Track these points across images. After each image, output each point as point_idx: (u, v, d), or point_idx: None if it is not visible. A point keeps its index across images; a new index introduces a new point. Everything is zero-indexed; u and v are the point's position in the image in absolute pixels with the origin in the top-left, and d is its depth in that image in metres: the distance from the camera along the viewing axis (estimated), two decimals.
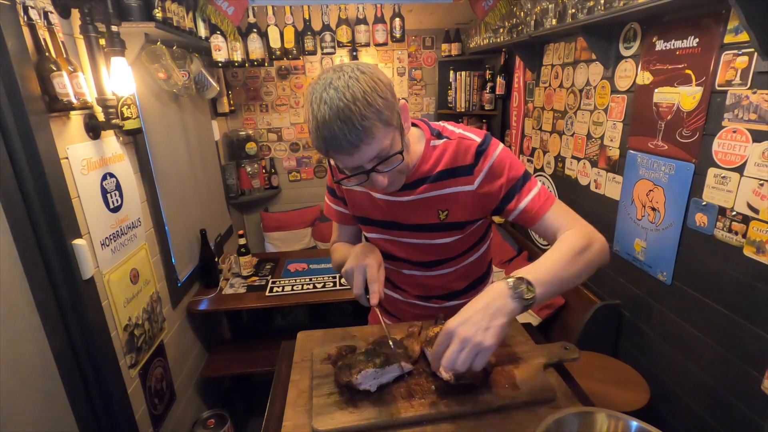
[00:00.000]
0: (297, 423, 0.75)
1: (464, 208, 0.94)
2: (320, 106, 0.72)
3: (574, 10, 1.72)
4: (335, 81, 0.73)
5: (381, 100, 0.73)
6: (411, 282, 1.09)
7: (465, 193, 0.92)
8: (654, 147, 1.57)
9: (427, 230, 0.98)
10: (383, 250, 1.07)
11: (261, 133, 3.38)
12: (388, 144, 0.77)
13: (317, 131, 0.73)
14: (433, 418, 0.74)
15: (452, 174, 0.92)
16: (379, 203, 0.99)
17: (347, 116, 0.71)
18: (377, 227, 1.03)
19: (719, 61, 1.28)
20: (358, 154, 0.75)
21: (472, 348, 0.66)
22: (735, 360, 1.29)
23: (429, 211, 0.95)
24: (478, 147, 0.90)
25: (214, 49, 2.29)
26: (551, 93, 2.30)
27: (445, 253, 1.02)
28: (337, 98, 0.71)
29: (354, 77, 0.73)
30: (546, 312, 2.11)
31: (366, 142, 0.73)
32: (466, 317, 0.69)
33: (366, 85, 0.72)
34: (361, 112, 0.71)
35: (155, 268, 1.79)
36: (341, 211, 1.10)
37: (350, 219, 1.10)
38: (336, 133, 0.71)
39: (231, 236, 3.01)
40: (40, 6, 1.18)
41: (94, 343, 1.34)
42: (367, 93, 0.72)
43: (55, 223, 1.21)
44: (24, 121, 1.12)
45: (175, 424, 1.87)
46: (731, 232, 1.27)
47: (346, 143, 0.72)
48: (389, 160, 0.79)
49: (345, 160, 0.77)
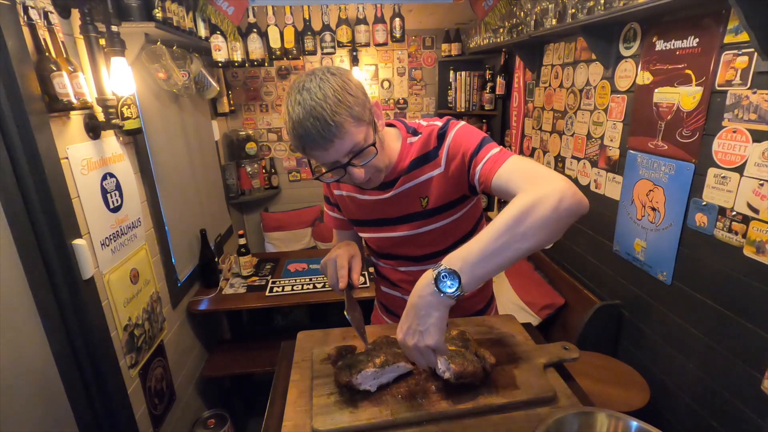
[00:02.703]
0: (297, 423, 0.75)
1: (441, 192, 0.96)
2: (294, 108, 0.78)
3: (574, 10, 1.72)
4: (307, 83, 0.79)
5: (351, 97, 0.79)
6: (408, 279, 1.10)
7: (437, 177, 0.95)
8: (654, 147, 1.57)
9: (414, 219, 1.00)
10: (379, 249, 1.13)
11: (261, 133, 3.38)
12: (362, 138, 0.82)
13: (293, 131, 0.79)
14: (433, 418, 0.74)
15: (422, 161, 0.96)
16: (365, 204, 1.04)
17: (319, 113, 0.76)
18: (368, 226, 1.08)
19: (719, 61, 1.28)
20: (333, 149, 0.80)
21: (423, 350, 0.70)
22: (735, 360, 1.29)
23: (412, 201, 0.99)
24: (439, 130, 0.94)
25: (214, 49, 2.29)
26: (551, 93, 2.30)
27: (436, 243, 1.03)
28: (309, 98, 0.77)
29: (324, 78, 0.79)
30: (546, 312, 2.11)
31: (339, 137, 0.78)
32: (404, 328, 0.72)
33: (336, 84, 0.78)
34: (332, 108, 0.76)
35: (155, 268, 1.79)
36: (337, 217, 1.16)
37: (346, 224, 1.15)
38: (310, 129, 0.77)
39: (231, 236, 3.01)
40: (40, 6, 1.18)
41: (94, 343, 1.34)
42: (337, 91, 0.78)
43: (55, 223, 1.21)
44: (24, 121, 1.12)
45: (175, 424, 1.87)
46: (731, 232, 1.27)
47: (320, 138, 0.78)
48: (363, 153, 0.83)
49: (321, 156, 0.82)
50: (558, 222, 0.71)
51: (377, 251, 1.15)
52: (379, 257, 1.16)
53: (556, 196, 0.70)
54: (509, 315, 1.08)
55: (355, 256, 1.01)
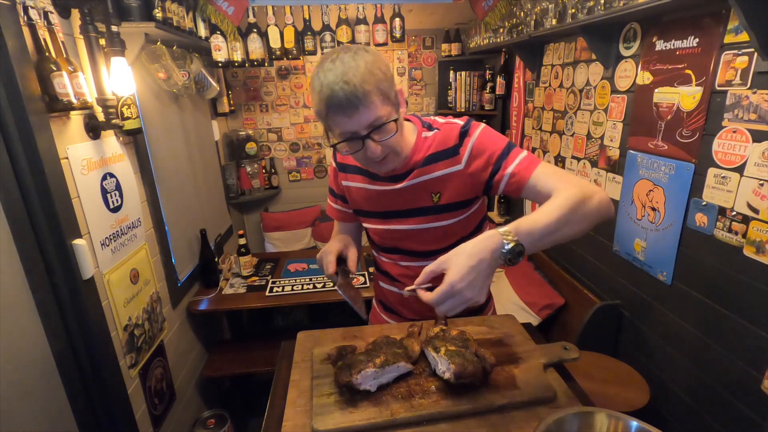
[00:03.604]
0: (297, 423, 0.75)
1: (456, 189, 0.98)
2: (326, 73, 0.81)
3: (574, 10, 1.72)
4: (341, 54, 0.82)
5: (381, 73, 0.83)
6: (409, 273, 1.09)
7: (455, 173, 0.97)
8: (654, 147, 1.57)
9: (423, 214, 1.01)
10: (382, 242, 1.13)
11: (261, 133, 3.38)
12: (385, 114, 0.84)
13: (320, 93, 0.82)
14: (433, 418, 0.74)
15: (439, 157, 0.97)
16: (375, 194, 1.04)
17: (349, 79, 0.79)
18: (375, 218, 1.08)
19: (719, 61, 1.28)
20: (356, 117, 0.82)
21: (468, 303, 0.72)
22: (735, 360, 1.29)
23: (422, 195, 0.99)
24: (461, 129, 0.97)
25: (214, 49, 2.29)
26: (551, 93, 2.30)
27: (441, 240, 1.03)
28: (341, 66, 0.80)
29: (358, 52, 0.83)
30: (546, 312, 2.11)
31: (364, 105, 0.81)
32: (469, 279, 0.70)
33: (369, 59, 0.82)
34: (362, 77, 0.80)
35: (155, 268, 1.79)
36: (341, 209, 1.18)
37: (350, 216, 1.17)
38: (338, 93, 0.79)
39: (231, 236, 3.01)
40: (40, 6, 1.18)
41: (94, 343, 1.34)
42: (369, 64, 0.82)
43: (55, 223, 1.21)
44: (24, 121, 1.12)
45: (175, 424, 1.87)
46: (731, 232, 1.27)
47: (346, 103, 0.80)
48: (384, 128, 0.85)
49: (343, 123, 0.83)
50: (597, 218, 0.82)
51: (380, 244, 1.14)
52: (381, 251, 1.15)
53: (600, 196, 0.83)
54: (509, 315, 1.08)
55: (349, 246, 1.07)
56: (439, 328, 0.89)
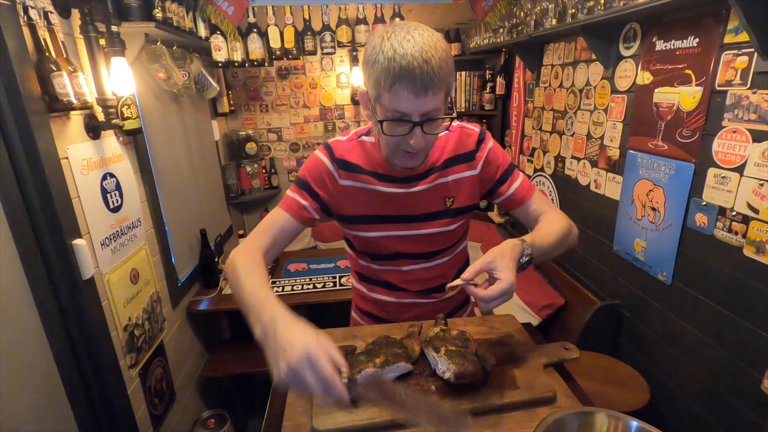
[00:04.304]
0: (297, 423, 0.75)
1: (468, 193, 1.01)
2: (402, 43, 0.74)
3: (574, 10, 1.72)
4: (419, 29, 0.77)
5: (450, 67, 0.79)
6: (411, 278, 1.07)
7: (469, 178, 1.00)
8: (654, 147, 1.57)
9: (435, 218, 1.00)
10: (383, 250, 1.03)
11: (261, 133, 3.38)
12: (443, 107, 0.81)
13: (391, 61, 0.74)
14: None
15: (457, 161, 0.99)
16: (386, 197, 0.98)
17: (430, 57, 0.74)
18: (386, 223, 1.00)
19: (719, 61, 1.28)
20: (423, 99, 0.76)
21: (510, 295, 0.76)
22: (735, 360, 1.29)
23: (437, 199, 0.99)
24: (479, 135, 1.00)
25: (214, 49, 2.29)
26: (551, 93, 2.30)
27: (446, 240, 1.04)
28: (421, 40, 0.75)
29: (434, 34, 0.78)
30: (546, 312, 2.11)
31: (434, 90, 0.76)
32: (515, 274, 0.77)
33: (445, 47, 0.78)
34: (440, 62, 0.75)
35: (155, 268, 1.79)
36: (305, 206, 0.96)
37: (309, 220, 0.97)
38: (414, 67, 0.73)
39: (231, 236, 3.01)
40: (40, 6, 1.17)
41: (94, 343, 1.34)
42: (446, 52, 0.77)
43: (55, 223, 1.21)
44: (24, 121, 1.12)
45: (175, 424, 1.87)
46: (731, 232, 1.27)
47: (420, 81, 0.74)
48: (437, 122, 0.82)
49: (404, 99, 0.76)
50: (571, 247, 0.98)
51: (379, 252, 1.04)
52: (379, 259, 1.06)
53: (575, 230, 0.99)
54: (509, 315, 1.08)
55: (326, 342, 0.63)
56: (439, 328, 0.89)
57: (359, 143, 0.99)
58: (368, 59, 0.79)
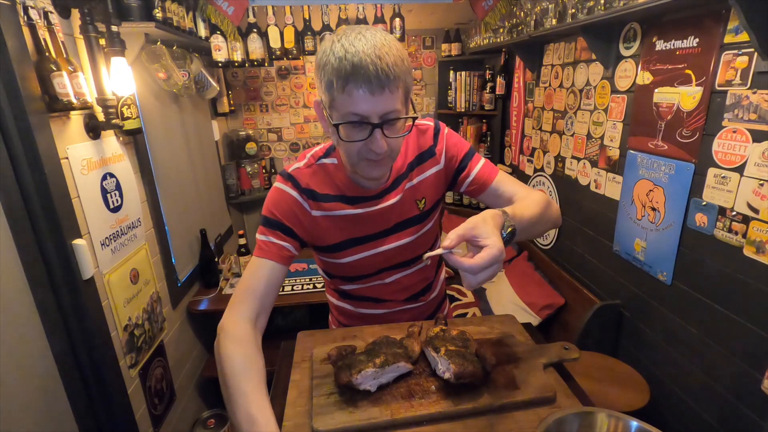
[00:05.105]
0: (297, 423, 0.75)
1: (435, 189, 0.99)
2: (354, 42, 0.70)
3: (574, 10, 1.72)
4: (364, 31, 0.73)
5: (407, 66, 0.75)
6: (396, 288, 1.06)
7: (435, 174, 0.97)
8: (654, 147, 1.57)
9: (411, 224, 0.99)
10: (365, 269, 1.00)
11: (261, 133, 3.38)
12: (402, 109, 0.76)
13: (342, 60, 0.69)
14: (433, 418, 0.74)
15: (420, 160, 0.96)
16: (365, 217, 0.93)
17: (383, 54, 0.70)
18: (364, 243, 0.96)
19: (719, 61, 1.28)
20: (379, 98, 0.71)
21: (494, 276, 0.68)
22: (735, 360, 1.29)
23: (410, 206, 0.97)
24: (434, 129, 0.97)
25: (214, 49, 2.29)
26: (551, 93, 2.30)
27: (423, 243, 1.03)
28: (372, 39, 0.71)
29: (387, 34, 0.74)
30: (546, 312, 2.11)
31: (391, 88, 0.71)
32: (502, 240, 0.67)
33: (398, 45, 0.74)
34: (395, 59, 0.71)
35: (155, 268, 1.79)
36: (284, 246, 0.90)
37: (291, 258, 0.92)
38: (367, 63, 0.69)
39: (231, 236, 3.01)
40: (40, 6, 1.18)
41: (94, 343, 1.34)
42: (399, 50, 0.73)
43: (55, 223, 1.21)
44: (24, 121, 1.12)
45: (175, 424, 1.87)
46: (731, 232, 1.27)
47: (374, 79, 0.69)
48: (397, 124, 0.77)
49: (359, 100, 0.71)
50: (555, 223, 0.93)
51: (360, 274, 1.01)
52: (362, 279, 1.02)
53: (556, 204, 0.93)
54: (509, 315, 1.08)
55: None
56: (439, 328, 0.89)
57: (320, 167, 0.92)
58: (318, 63, 0.74)
